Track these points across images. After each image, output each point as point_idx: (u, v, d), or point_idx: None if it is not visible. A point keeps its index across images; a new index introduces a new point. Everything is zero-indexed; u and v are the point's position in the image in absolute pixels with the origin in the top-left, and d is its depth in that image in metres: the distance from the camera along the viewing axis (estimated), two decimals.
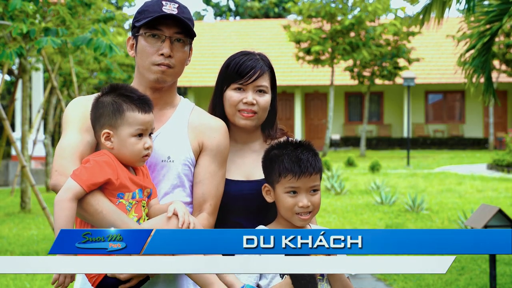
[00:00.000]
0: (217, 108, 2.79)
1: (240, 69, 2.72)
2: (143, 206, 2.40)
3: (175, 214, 2.32)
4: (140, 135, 2.38)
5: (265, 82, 2.76)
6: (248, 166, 2.79)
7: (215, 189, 2.58)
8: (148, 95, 2.54)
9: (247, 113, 2.72)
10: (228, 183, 2.70)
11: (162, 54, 2.51)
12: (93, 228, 2.32)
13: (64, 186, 2.27)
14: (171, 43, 2.53)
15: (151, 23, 2.51)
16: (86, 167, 2.30)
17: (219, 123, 2.65)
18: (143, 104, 2.40)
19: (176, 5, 2.53)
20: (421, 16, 7.27)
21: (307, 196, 2.53)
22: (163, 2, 2.52)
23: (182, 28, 2.54)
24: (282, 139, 2.81)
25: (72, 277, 2.27)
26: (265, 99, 2.76)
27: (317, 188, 2.56)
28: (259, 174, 2.75)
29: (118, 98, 2.39)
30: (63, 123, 2.51)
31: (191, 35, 2.58)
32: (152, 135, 2.44)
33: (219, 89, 2.80)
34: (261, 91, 2.75)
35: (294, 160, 2.52)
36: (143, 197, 2.40)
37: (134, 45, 2.60)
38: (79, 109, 2.50)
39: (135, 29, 2.58)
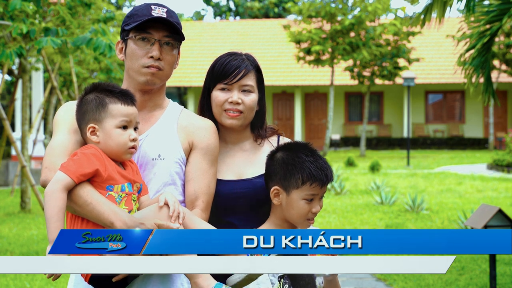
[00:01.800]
0: (205, 108, 2.81)
1: (225, 69, 2.74)
2: (134, 200, 2.42)
3: (166, 204, 2.34)
4: (125, 127, 2.42)
5: (250, 81, 2.76)
6: (239, 166, 2.80)
7: (206, 187, 2.60)
8: (138, 98, 2.59)
9: (233, 113, 2.73)
10: (220, 183, 2.71)
11: (151, 57, 2.55)
12: (84, 221, 2.35)
13: (53, 179, 2.30)
14: (160, 46, 2.57)
15: (141, 26, 2.55)
16: (74, 159, 2.34)
17: (208, 123, 2.69)
18: (125, 96, 2.45)
19: (165, 10, 2.57)
20: (422, 16, 7.27)
21: (319, 202, 2.57)
22: (152, 6, 2.56)
23: (171, 31, 2.58)
24: (288, 140, 2.82)
25: None
26: (251, 98, 2.76)
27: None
28: (250, 173, 2.77)
29: (100, 93, 2.44)
30: (53, 126, 2.55)
31: (180, 38, 2.62)
32: (137, 130, 2.46)
33: (206, 90, 2.82)
34: (246, 91, 2.75)
35: (320, 168, 2.54)
36: (133, 191, 2.42)
37: (124, 49, 2.64)
38: (68, 112, 2.54)
39: (124, 32, 2.62)
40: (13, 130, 20.80)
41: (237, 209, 2.72)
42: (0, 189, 17.34)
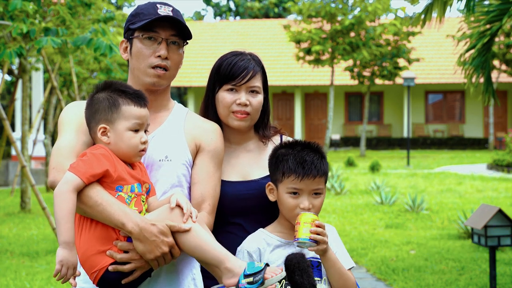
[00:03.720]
0: (209, 109, 2.77)
1: (233, 70, 2.70)
2: (143, 201, 2.39)
3: (178, 205, 2.32)
4: (137, 130, 2.38)
5: (257, 82, 2.74)
6: (244, 167, 2.78)
7: (213, 189, 2.58)
8: None
9: (241, 114, 2.70)
10: (225, 184, 2.69)
11: (159, 56, 2.52)
12: (93, 223, 2.31)
13: (63, 179, 2.26)
14: (167, 45, 2.54)
15: (148, 25, 2.51)
16: (83, 159, 2.30)
17: (214, 125, 2.67)
18: (139, 98, 2.41)
19: (170, 9, 2.54)
20: (422, 16, 7.26)
21: (309, 198, 2.50)
22: (158, 5, 2.53)
23: (177, 30, 2.55)
24: (290, 139, 2.80)
25: (74, 268, 2.24)
26: (258, 99, 2.74)
27: (320, 192, 2.53)
28: (256, 174, 2.75)
29: (113, 93, 2.39)
30: (59, 126, 2.51)
31: (185, 38, 2.58)
32: (147, 132, 2.44)
33: (210, 90, 2.78)
34: (253, 92, 2.73)
35: (298, 161, 2.49)
36: (142, 191, 2.39)
37: (129, 48, 2.59)
38: (74, 112, 2.51)
39: (129, 32, 2.57)
40: (13, 130, 20.80)
41: (244, 210, 2.70)
42: (0, 189, 17.34)
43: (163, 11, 2.51)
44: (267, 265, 2.28)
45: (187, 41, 2.61)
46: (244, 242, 2.57)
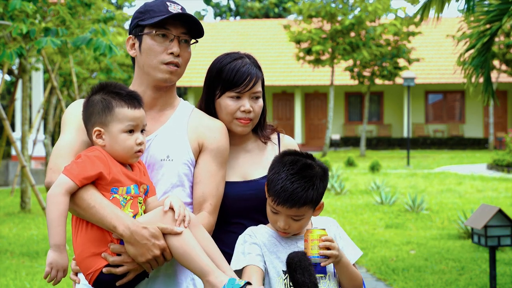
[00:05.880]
0: (211, 115, 2.72)
1: (236, 76, 2.68)
2: (140, 203, 2.38)
3: (171, 208, 2.31)
4: (131, 131, 2.38)
5: (259, 87, 2.74)
6: (243, 167, 2.77)
7: (215, 189, 2.57)
8: (150, 95, 2.56)
9: (245, 121, 2.70)
10: (226, 185, 2.68)
11: (171, 53, 2.52)
12: (88, 225, 2.32)
13: (56, 182, 2.27)
14: (179, 42, 2.55)
15: (160, 22, 2.51)
16: (77, 162, 2.30)
17: (219, 124, 2.65)
18: (132, 99, 2.40)
19: (179, 7, 2.56)
20: (419, 14, 7.24)
21: (287, 220, 2.47)
22: (168, 3, 2.53)
23: (187, 28, 2.56)
24: (287, 137, 2.81)
25: (64, 271, 2.26)
26: (259, 104, 2.74)
27: (300, 218, 2.48)
28: (255, 174, 2.74)
29: (107, 96, 2.39)
30: (61, 125, 2.52)
31: (195, 36, 2.59)
32: (144, 131, 2.43)
33: (211, 94, 2.74)
34: (256, 97, 2.73)
35: (279, 187, 2.44)
36: (139, 193, 2.38)
37: (138, 45, 2.58)
38: (76, 111, 2.51)
39: (138, 28, 2.57)
40: (13, 130, 20.80)
41: (245, 211, 2.70)
42: (0, 189, 17.34)
43: (173, 9, 2.52)
44: (248, 283, 2.27)
45: (197, 39, 2.61)
46: (245, 231, 2.58)
